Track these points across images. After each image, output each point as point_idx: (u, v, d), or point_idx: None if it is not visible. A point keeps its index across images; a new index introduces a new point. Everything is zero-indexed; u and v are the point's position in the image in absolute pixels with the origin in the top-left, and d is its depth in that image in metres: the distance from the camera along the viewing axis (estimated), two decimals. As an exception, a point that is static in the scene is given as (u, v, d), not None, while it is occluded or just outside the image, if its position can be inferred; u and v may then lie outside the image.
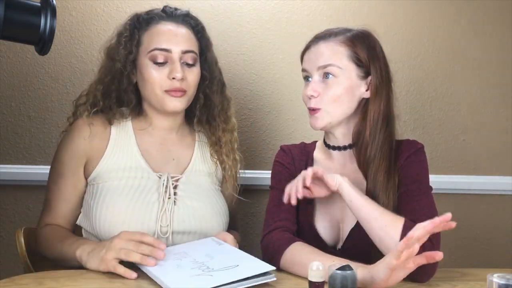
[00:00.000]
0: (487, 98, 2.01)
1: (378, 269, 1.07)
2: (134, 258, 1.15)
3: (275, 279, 1.09)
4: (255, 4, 1.92)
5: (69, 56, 1.86)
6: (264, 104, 1.93)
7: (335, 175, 1.25)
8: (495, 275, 0.94)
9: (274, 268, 1.10)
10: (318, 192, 1.29)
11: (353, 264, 1.11)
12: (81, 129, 1.40)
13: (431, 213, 1.21)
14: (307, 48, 1.37)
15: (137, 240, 1.17)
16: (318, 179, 1.26)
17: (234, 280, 1.03)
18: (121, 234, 1.19)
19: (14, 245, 1.42)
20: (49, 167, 1.83)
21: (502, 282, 0.92)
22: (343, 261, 1.10)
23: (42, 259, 1.37)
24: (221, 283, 1.02)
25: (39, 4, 0.99)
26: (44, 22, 0.98)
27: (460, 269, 1.28)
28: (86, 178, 1.40)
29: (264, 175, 1.76)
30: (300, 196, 1.23)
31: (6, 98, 1.84)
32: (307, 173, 1.23)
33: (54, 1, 1.00)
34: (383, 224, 1.18)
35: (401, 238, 1.15)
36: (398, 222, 1.19)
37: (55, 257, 1.32)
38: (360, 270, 1.08)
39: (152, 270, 1.13)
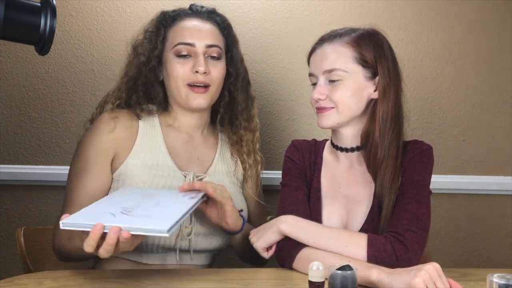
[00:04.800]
0: (487, 98, 2.01)
1: (397, 281, 1.06)
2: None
3: (167, 235, 1.01)
4: (255, 4, 1.92)
5: (69, 56, 1.86)
6: (264, 104, 1.93)
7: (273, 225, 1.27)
8: (495, 275, 0.94)
9: (165, 231, 1.00)
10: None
11: (363, 265, 1.13)
12: (106, 123, 1.37)
13: (413, 221, 1.20)
14: (312, 50, 1.35)
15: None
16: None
17: (125, 226, 1.01)
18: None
19: (14, 245, 1.43)
20: (49, 167, 1.85)
21: (502, 282, 0.92)
22: (358, 263, 1.11)
23: (42, 259, 1.37)
24: (114, 224, 1.01)
25: (39, 4, 0.99)
26: (44, 22, 0.98)
27: (460, 269, 1.28)
28: (111, 173, 1.37)
29: (264, 175, 1.76)
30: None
31: (6, 98, 1.84)
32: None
33: (54, 1, 1.00)
34: (343, 245, 1.18)
35: (369, 252, 1.16)
36: (360, 238, 1.19)
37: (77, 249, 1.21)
38: (378, 272, 1.09)
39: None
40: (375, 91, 1.31)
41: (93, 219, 1.02)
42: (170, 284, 1.12)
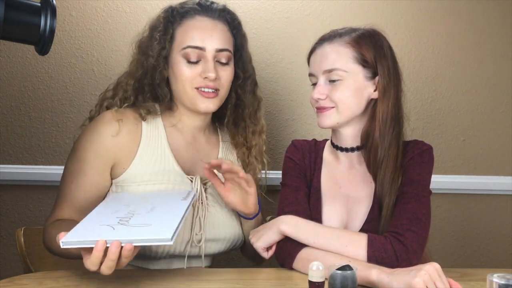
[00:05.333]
0: (487, 98, 2.01)
1: (397, 281, 1.06)
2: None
3: (171, 243, 0.99)
4: (255, 4, 1.92)
5: (69, 56, 1.86)
6: (264, 104, 1.92)
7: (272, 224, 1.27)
8: (495, 275, 0.94)
9: (169, 239, 0.99)
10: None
11: (363, 265, 1.13)
12: (109, 125, 1.31)
13: (413, 221, 1.20)
14: (312, 50, 1.35)
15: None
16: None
17: (127, 239, 0.99)
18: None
19: (14, 245, 1.42)
20: (49, 167, 1.85)
21: (502, 282, 0.92)
22: (358, 263, 1.11)
23: (42, 259, 1.37)
24: (116, 238, 0.99)
25: (39, 4, 0.99)
26: (44, 22, 0.98)
27: (460, 269, 1.28)
28: (112, 179, 1.33)
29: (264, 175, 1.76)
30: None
31: (6, 98, 1.84)
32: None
33: (54, 1, 1.00)
34: (343, 245, 1.18)
35: (369, 252, 1.16)
36: (359, 238, 1.19)
37: (68, 253, 1.19)
38: (377, 272, 1.09)
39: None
40: (375, 91, 1.31)
41: (94, 235, 1.00)
42: (170, 284, 1.12)
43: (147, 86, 1.38)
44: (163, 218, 1.09)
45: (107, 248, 0.99)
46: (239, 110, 1.47)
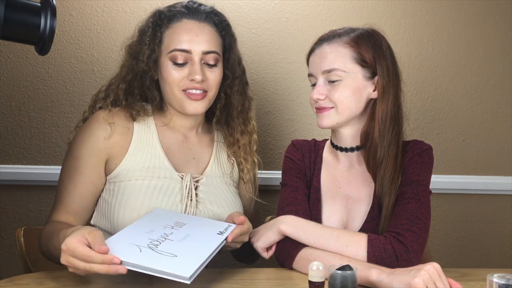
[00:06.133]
0: (487, 98, 2.01)
1: (397, 281, 1.06)
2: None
3: (188, 282, 1.00)
4: (255, 4, 1.92)
5: (69, 56, 1.86)
6: (264, 104, 1.94)
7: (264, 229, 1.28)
8: (495, 275, 0.94)
9: (187, 279, 0.99)
10: None
11: (363, 265, 1.13)
12: (101, 125, 1.34)
13: (413, 221, 1.20)
14: (311, 51, 1.36)
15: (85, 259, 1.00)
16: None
17: (147, 266, 1.00)
18: (68, 245, 1.00)
19: (14, 245, 1.42)
20: (48, 167, 1.86)
21: (502, 282, 0.92)
22: (358, 263, 1.11)
23: (42, 259, 1.37)
24: (137, 263, 1.00)
25: (39, 4, 0.99)
26: (44, 22, 0.98)
27: (460, 269, 1.28)
28: (106, 175, 1.36)
29: (264, 175, 1.76)
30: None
31: (6, 98, 1.84)
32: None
33: (54, 1, 1.00)
34: (343, 245, 1.19)
35: (369, 252, 1.16)
36: (360, 238, 1.19)
37: (51, 254, 1.21)
38: (377, 272, 1.09)
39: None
40: (374, 90, 1.31)
41: (119, 253, 1.00)
42: (170, 285, 1.12)
43: (137, 89, 1.40)
44: (191, 252, 1.08)
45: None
46: (229, 110, 1.47)
